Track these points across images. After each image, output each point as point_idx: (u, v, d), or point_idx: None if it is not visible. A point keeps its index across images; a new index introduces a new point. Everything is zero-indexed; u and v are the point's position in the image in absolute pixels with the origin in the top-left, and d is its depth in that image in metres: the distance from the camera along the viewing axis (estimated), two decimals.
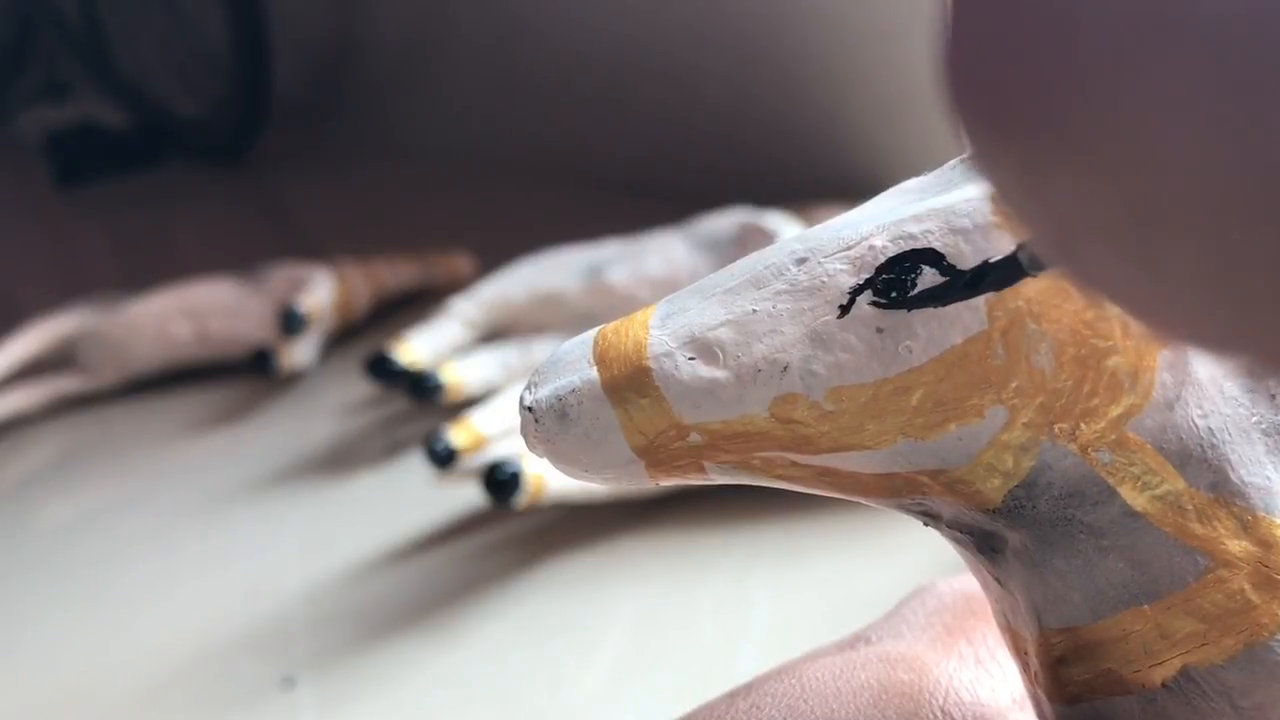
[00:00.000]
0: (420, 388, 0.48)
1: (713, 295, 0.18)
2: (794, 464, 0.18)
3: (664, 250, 0.51)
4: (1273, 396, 0.17)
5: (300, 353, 0.58)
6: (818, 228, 0.18)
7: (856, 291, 0.17)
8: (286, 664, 0.38)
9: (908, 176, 0.19)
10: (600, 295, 0.51)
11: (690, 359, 0.18)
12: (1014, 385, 0.17)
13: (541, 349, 0.51)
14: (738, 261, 0.19)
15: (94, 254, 0.93)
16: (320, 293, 0.59)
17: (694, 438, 0.18)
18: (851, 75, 0.63)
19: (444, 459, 0.41)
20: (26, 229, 1.01)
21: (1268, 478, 0.17)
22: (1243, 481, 0.17)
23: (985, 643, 0.23)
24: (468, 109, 0.91)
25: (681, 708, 0.23)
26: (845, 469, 0.18)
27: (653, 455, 0.18)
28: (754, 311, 0.18)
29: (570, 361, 0.19)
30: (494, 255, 0.59)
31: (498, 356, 0.51)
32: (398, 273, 0.65)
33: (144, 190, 1.03)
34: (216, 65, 0.99)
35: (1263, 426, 0.17)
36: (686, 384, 0.18)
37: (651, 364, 0.18)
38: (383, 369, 0.50)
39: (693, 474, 0.18)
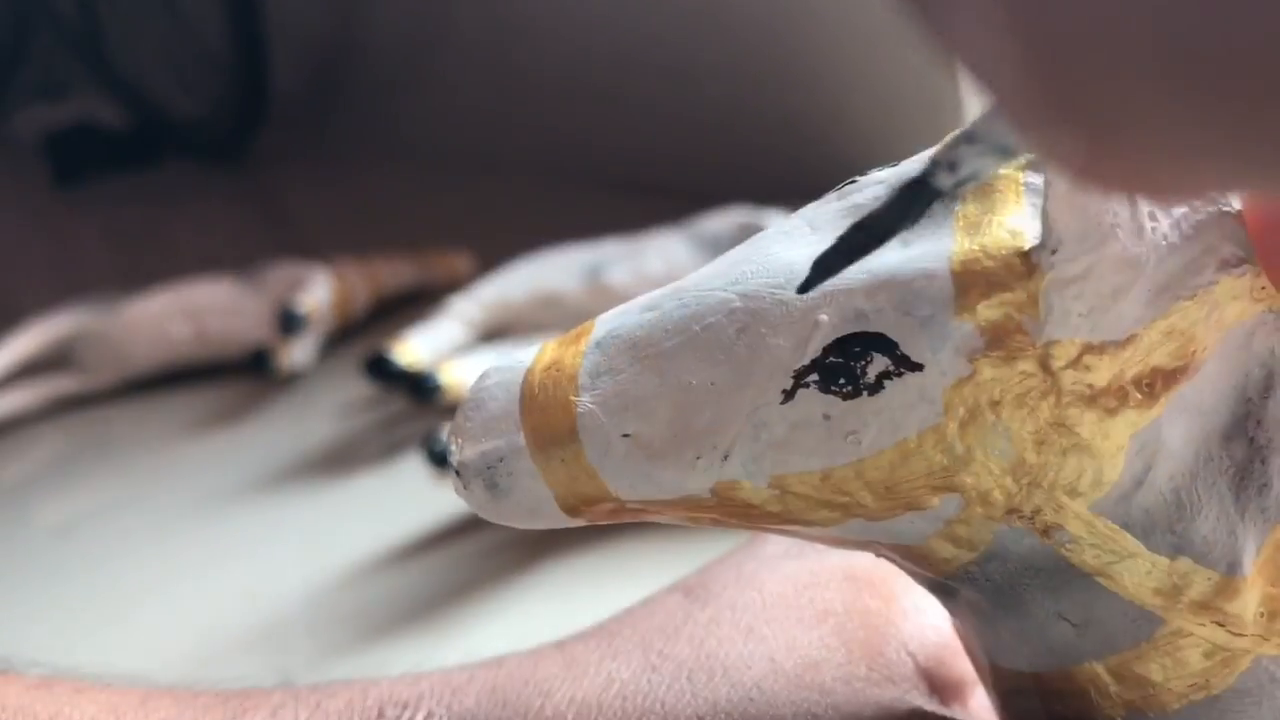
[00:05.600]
0: (420, 388, 0.48)
1: (645, 356, 0.17)
2: (744, 524, 0.17)
3: (664, 250, 0.51)
4: (1251, 439, 0.17)
5: (299, 353, 0.58)
6: (756, 267, 0.17)
7: (801, 375, 0.16)
8: (285, 664, 0.38)
9: None
10: (600, 295, 0.50)
11: (624, 437, 0.16)
12: (971, 477, 0.16)
13: None
14: (671, 306, 0.17)
15: (92, 253, 0.92)
16: (319, 292, 0.59)
17: (633, 504, 0.17)
18: (851, 75, 0.63)
19: (443, 459, 0.41)
20: (24, 228, 1.01)
21: (1232, 533, 0.16)
22: (1206, 542, 0.16)
23: None
24: (467, 109, 0.91)
25: None
26: (798, 532, 0.17)
27: (591, 514, 0.17)
28: (691, 384, 0.16)
29: (496, 415, 0.17)
30: (494, 255, 0.58)
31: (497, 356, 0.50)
32: (397, 272, 0.65)
33: (142, 189, 1.03)
34: (215, 64, 0.99)
35: (1231, 472, 0.17)
36: (621, 466, 0.17)
37: (584, 439, 0.17)
38: (382, 369, 0.50)
39: (639, 519, 0.18)
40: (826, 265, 0.16)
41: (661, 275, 0.50)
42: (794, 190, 0.59)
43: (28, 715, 0.21)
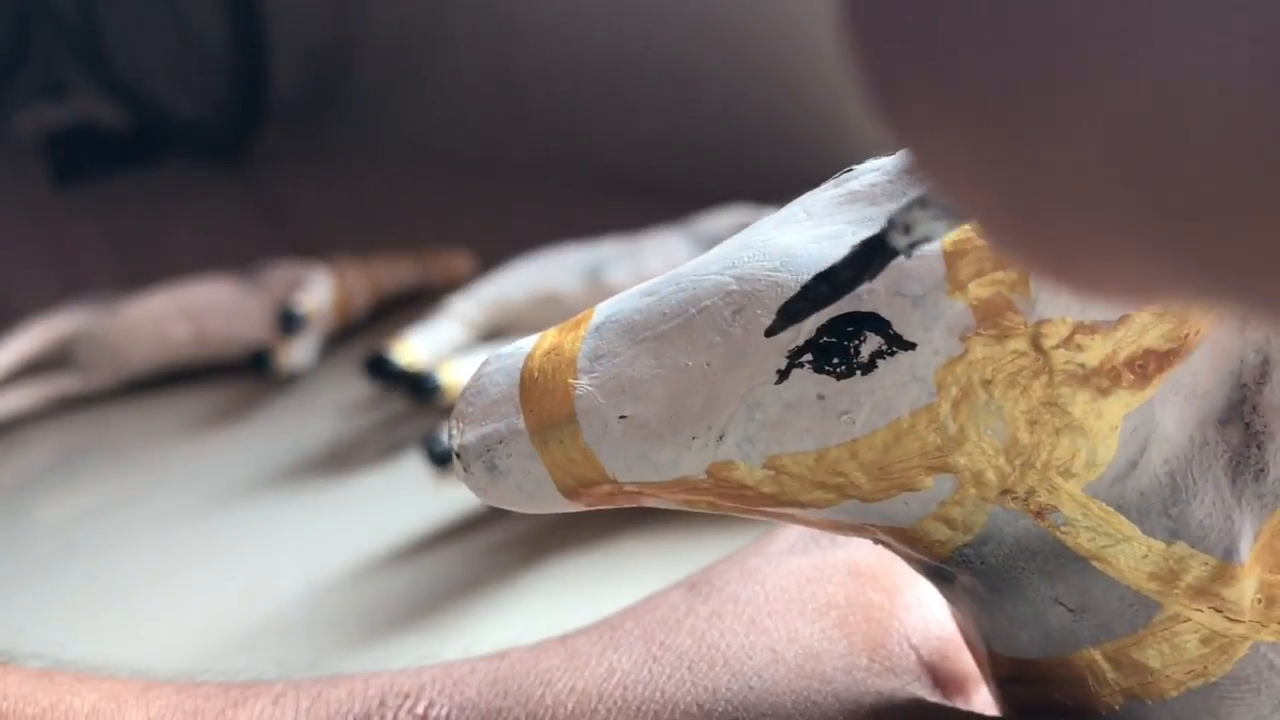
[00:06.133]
0: (420, 388, 0.48)
1: (643, 339, 0.17)
2: (740, 507, 0.17)
3: (663, 249, 0.51)
4: (1247, 425, 0.17)
5: (299, 353, 0.58)
6: (753, 252, 0.17)
7: (795, 355, 0.16)
8: (285, 663, 0.38)
9: None
10: (600, 295, 0.50)
11: (621, 418, 0.17)
12: (964, 457, 0.16)
13: None
14: (669, 291, 0.17)
15: (91, 253, 0.92)
16: (319, 292, 0.59)
17: (630, 487, 0.17)
18: (851, 75, 0.63)
19: (443, 459, 0.41)
20: (24, 228, 1.01)
21: (1229, 518, 0.16)
22: (1202, 527, 0.16)
23: None
24: (467, 109, 0.91)
25: None
26: (793, 516, 0.17)
27: (588, 498, 0.17)
28: (687, 366, 0.16)
29: (496, 399, 0.17)
30: (493, 255, 0.59)
31: None
32: (396, 272, 0.65)
33: (141, 189, 1.03)
34: (214, 64, 0.99)
35: (1227, 456, 0.16)
36: (618, 447, 0.17)
37: (581, 421, 0.17)
38: (382, 369, 0.50)
39: (635, 503, 0.18)
40: (792, 312, 0.16)
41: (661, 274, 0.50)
42: (794, 190, 0.59)
43: (29, 703, 0.21)
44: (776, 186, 0.60)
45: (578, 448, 0.17)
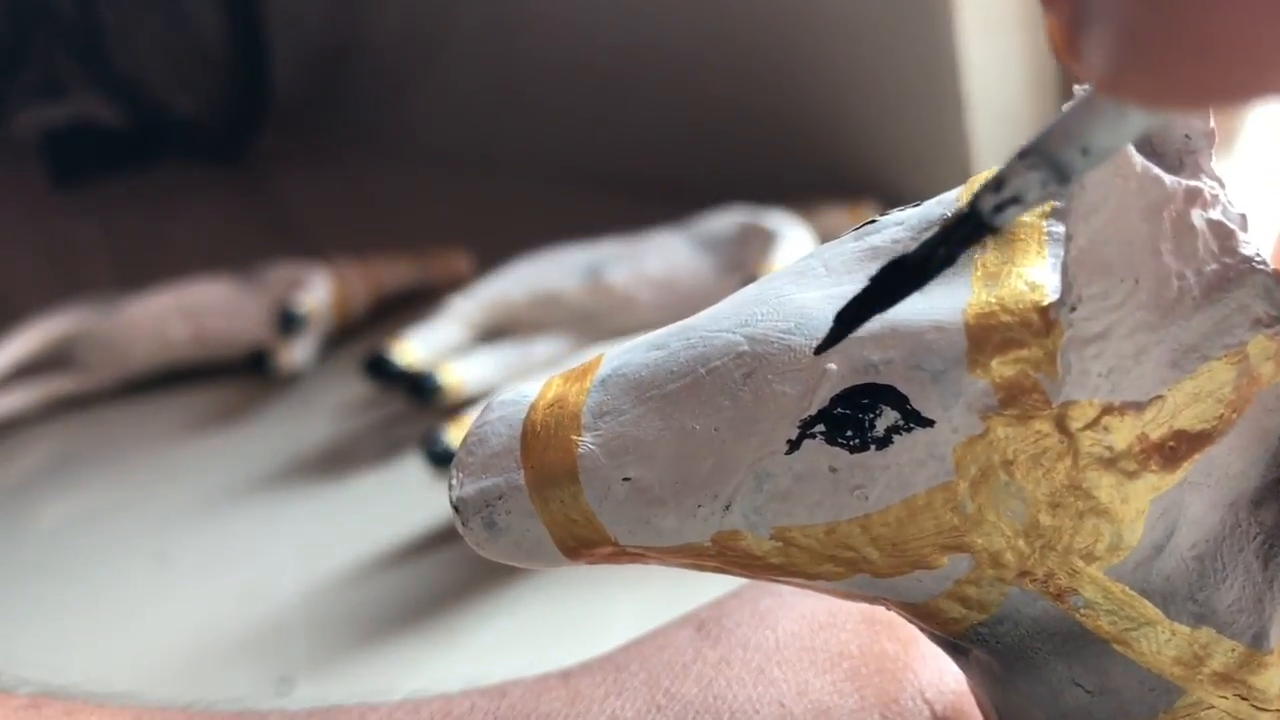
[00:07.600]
0: (419, 388, 0.48)
1: (650, 397, 0.16)
2: (748, 573, 0.17)
3: (664, 250, 0.51)
4: None
5: (298, 353, 0.57)
6: (767, 309, 0.16)
7: (807, 426, 0.15)
8: (284, 664, 0.37)
9: (908, 177, 0.18)
10: (600, 295, 0.50)
11: (625, 480, 0.16)
12: (982, 538, 0.15)
13: (541, 349, 0.51)
14: (678, 346, 0.17)
15: (90, 253, 0.92)
16: (318, 292, 0.59)
17: (632, 549, 0.17)
18: (853, 74, 0.63)
19: (442, 459, 0.41)
20: (22, 228, 1.01)
21: (1259, 603, 0.16)
22: (1230, 612, 0.16)
23: None
24: (467, 108, 0.91)
25: None
26: (802, 585, 0.17)
27: (589, 557, 0.17)
28: (694, 429, 0.16)
29: (497, 451, 0.17)
30: (493, 255, 0.58)
31: (497, 356, 0.50)
32: (396, 272, 0.65)
33: (141, 189, 1.03)
34: (214, 63, 0.99)
35: (1260, 539, 0.16)
36: (620, 511, 0.16)
37: (583, 481, 0.16)
38: (381, 369, 0.50)
39: (639, 563, 0.17)
40: (848, 318, 0.15)
41: (661, 275, 0.50)
42: (794, 190, 0.59)
43: None
44: (776, 186, 0.60)
45: (579, 508, 0.16)
